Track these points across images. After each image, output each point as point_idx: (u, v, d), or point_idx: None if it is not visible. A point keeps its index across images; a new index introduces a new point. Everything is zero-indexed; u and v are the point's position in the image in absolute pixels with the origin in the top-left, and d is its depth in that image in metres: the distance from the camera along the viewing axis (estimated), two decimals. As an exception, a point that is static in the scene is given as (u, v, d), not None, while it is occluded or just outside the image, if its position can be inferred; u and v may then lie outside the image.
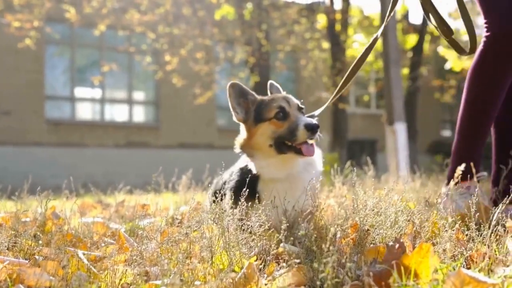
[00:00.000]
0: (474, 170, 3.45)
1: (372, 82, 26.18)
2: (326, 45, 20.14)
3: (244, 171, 3.55)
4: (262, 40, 18.04)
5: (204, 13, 18.68)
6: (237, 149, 3.62)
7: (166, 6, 17.79)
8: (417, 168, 7.62)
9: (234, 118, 3.59)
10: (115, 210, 4.90)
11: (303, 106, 3.49)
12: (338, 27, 18.86)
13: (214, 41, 19.79)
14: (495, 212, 2.56)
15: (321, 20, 20.24)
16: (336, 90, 3.91)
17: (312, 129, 3.20)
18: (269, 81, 3.90)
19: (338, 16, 19.01)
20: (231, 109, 3.54)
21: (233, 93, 3.51)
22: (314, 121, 3.24)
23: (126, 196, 7.65)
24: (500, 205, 2.57)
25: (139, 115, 22.90)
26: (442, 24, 3.55)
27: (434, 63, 25.92)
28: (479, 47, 3.68)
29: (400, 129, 12.86)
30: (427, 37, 22.48)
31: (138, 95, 23.03)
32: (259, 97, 3.58)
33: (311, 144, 3.30)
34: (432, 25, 3.66)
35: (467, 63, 23.72)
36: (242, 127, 3.60)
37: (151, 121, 22.69)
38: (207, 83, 19.64)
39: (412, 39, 21.98)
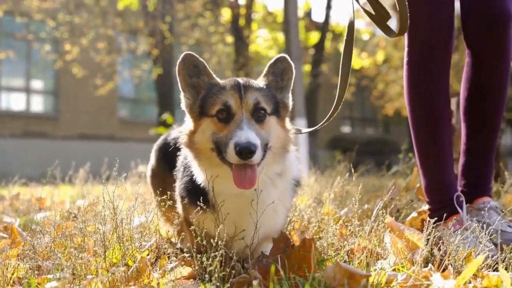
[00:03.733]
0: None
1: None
2: (230, 39, 20.29)
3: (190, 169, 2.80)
4: (166, 33, 17.96)
5: (107, 3, 18.37)
6: (181, 145, 2.78)
7: (68, -6, 17.41)
8: (312, 165, 7.85)
9: (182, 105, 2.80)
10: (9, 204, 4.81)
11: (266, 108, 2.63)
12: (242, 22, 19.03)
13: (117, 31, 19.51)
14: (376, 208, 2.73)
15: (226, 14, 20.36)
16: (335, 103, 3.49)
17: (240, 153, 2.40)
18: (280, 55, 2.84)
19: (243, 11, 19.18)
20: (181, 92, 2.78)
21: (183, 70, 2.72)
22: (252, 140, 2.41)
23: (21, 188, 7.47)
24: (379, 201, 2.74)
25: (37, 104, 22.27)
26: (379, 8, 3.30)
27: (335, 61, 26.57)
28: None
29: (300, 125, 13.13)
30: (329, 35, 23.06)
31: (37, 84, 22.39)
32: (213, 80, 2.75)
33: (248, 168, 2.49)
34: (362, 8, 3.42)
35: (366, 62, 24.55)
36: (188, 116, 2.77)
37: (50, 111, 22.13)
38: (108, 74, 19.35)
39: (314, 37, 22.47)
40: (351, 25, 3.30)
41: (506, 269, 2.34)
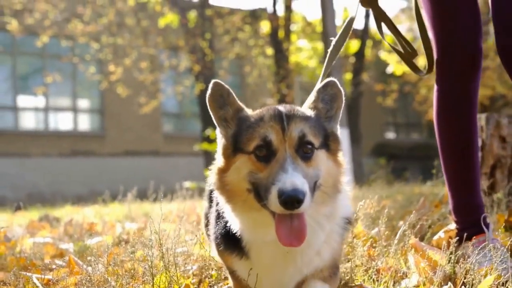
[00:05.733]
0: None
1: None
2: (270, 51, 20.48)
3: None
4: (206, 50, 18.25)
5: (148, 22, 18.80)
6: (210, 185, 2.47)
7: (109, 16, 17.87)
8: (355, 177, 7.94)
9: (218, 141, 2.47)
10: (63, 230, 5.08)
11: (313, 141, 2.25)
12: (281, 33, 19.19)
13: (159, 49, 19.90)
14: (399, 231, 2.88)
15: (265, 27, 20.55)
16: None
17: (285, 203, 2.03)
18: (329, 79, 2.45)
19: (282, 22, 19.35)
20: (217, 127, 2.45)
21: (213, 103, 2.38)
22: (299, 186, 2.04)
23: (72, 208, 7.79)
24: (408, 218, 2.89)
25: (84, 123, 22.79)
26: (407, 46, 3.40)
27: (375, 68, 26.53)
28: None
29: (342, 134, 13.18)
30: (369, 43, 23.07)
31: (83, 103, 22.93)
32: (244, 112, 2.41)
33: (295, 218, 2.13)
34: (389, 46, 3.48)
35: (408, 68, 24.37)
36: (220, 152, 2.40)
37: (96, 129, 22.62)
38: (152, 92, 19.73)
39: (354, 45, 22.47)
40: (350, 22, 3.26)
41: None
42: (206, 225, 2.96)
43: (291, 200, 2.00)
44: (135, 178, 13.32)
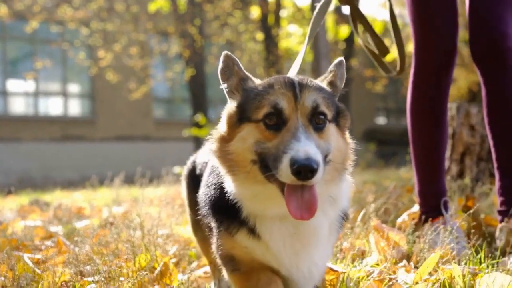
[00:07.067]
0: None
1: (306, 73, 26.70)
2: (260, 37, 20.57)
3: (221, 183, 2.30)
4: (196, 35, 18.34)
5: (138, 8, 18.85)
6: (211, 153, 2.28)
7: (99, 2, 17.92)
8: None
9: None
10: (53, 214, 5.26)
11: (326, 112, 2.14)
12: (271, 19, 19.28)
13: (149, 35, 19.96)
14: (361, 212, 3.11)
15: (255, 12, 20.62)
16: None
17: (298, 173, 1.91)
18: (340, 58, 2.39)
19: (272, 7, 19.44)
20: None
21: (223, 76, 2.30)
22: (312, 155, 1.92)
23: (62, 193, 7.95)
24: (372, 205, 3.12)
25: (75, 108, 22.87)
26: (379, 43, 3.46)
27: (365, 53, 26.55)
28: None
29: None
30: (359, 28, 23.14)
31: (73, 88, 22.99)
32: (250, 81, 2.29)
33: (306, 190, 2.01)
34: (362, 44, 3.55)
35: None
36: (224, 120, 2.27)
37: (87, 114, 22.70)
38: (142, 77, 19.81)
39: (344, 30, 22.59)
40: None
41: (466, 263, 2.72)
42: (188, 206, 2.87)
43: (305, 169, 1.89)
44: (126, 163, 13.50)
